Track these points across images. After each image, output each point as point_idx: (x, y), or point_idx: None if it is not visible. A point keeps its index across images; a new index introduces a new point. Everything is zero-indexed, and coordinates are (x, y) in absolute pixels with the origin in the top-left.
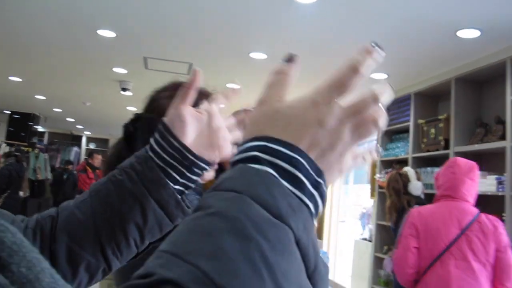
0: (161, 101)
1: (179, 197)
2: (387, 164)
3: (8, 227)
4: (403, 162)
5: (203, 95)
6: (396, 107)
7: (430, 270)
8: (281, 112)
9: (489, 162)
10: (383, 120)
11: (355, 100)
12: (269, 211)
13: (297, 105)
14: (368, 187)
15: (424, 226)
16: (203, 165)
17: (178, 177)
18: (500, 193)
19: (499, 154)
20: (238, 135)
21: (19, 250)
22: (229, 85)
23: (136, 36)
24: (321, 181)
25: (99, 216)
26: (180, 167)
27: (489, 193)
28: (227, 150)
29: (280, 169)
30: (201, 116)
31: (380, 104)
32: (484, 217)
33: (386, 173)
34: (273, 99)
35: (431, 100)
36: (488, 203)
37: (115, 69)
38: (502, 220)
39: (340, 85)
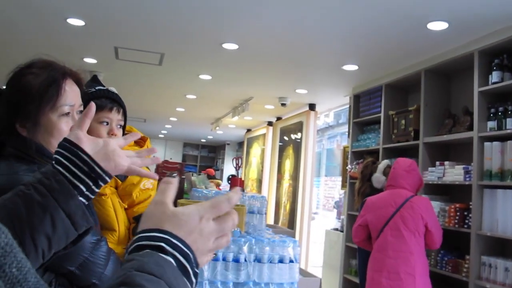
0: (24, 78)
1: (84, 208)
2: (358, 155)
3: (0, 227)
4: (374, 153)
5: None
6: (367, 99)
7: (377, 239)
8: (178, 215)
9: (457, 152)
10: (237, 222)
11: (221, 220)
12: None
13: (189, 213)
14: (339, 179)
15: (373, 209)
16: (106, 178)
17: (84, 189)
18: (467, 182)
19: (467, 144)
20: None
21: (11, 251)
22: (200, 76)
23: (106, 25)
24: (197, 271)
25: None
26: (87, 180)
27: (457, 182)
28: (122, 165)
29: (177, 261)
30: (97, 140)
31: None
32: (416, 198)
33: (357, 164)
34: (167, 202)
35: (401, 91)
36: (456, 192)
37: (86, 59)
38: (469, 208)
39: (218, 209)
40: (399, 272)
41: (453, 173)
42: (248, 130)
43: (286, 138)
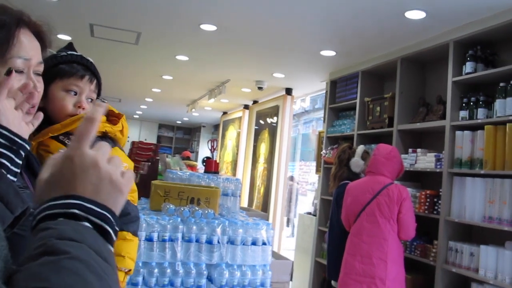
0: None
1: (16, 186)
2: (333, 140)
3: None
4: (349, 139)
5: None
6: (344, 85)
7: (354, 225)
8: (87, 172)
9: (429, 140)
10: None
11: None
12: (101, 256)
13: (88, 164)
14: (314, 164)
15: (352, 194)
16: (26, 145)
17: (9, 165)
18: (438, 170)
19: (439, 132)
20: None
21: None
22: (177, 57)
23: (81, 2)
24: (117, 228)
25: None
26: (10, 154)
27: (428, 170)
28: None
29: (94, 224)
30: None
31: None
32: (393, 186)
33: (332, 149)
34: (81, 153)
35: (377, 78)
36: (427, 179)
37: (60, 36)
38: (439, 195)
39: (84, 135)
40: (372, 257)
41: (425, 161)
42: (224, 113)
43: (262, 121)
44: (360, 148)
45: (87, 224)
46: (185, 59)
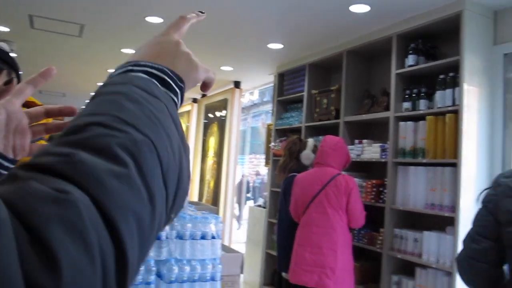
0: None
1: None
2: (281, 133)
3: None
4: (297, 131)
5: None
6: (291, 78)
7: (303, 216)
8: (156, 45)
9: (375, 131)
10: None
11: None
12: (148, 93)
13: (160, 41)
14: (263, 157)
15: (300, 186)
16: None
17: None
18: (383, 160)
19: (384, 123)
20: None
21: None
22: (123, 50)
23: None
24: (182, 85)
25: None
26: None
27: (374, 160)
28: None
29: (151, 74)
30: None
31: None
32: (341, 177)
33: (281, 141)
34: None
35: (324, 71)
36: (373, 169)
37: None
38: (384, 184)
39: (177, 26)
40: (322, 247)
41: (371, 151)
42: None
43: (211, 115)
44: (311, 141)
45: (141, 74)
46: (131, 52)
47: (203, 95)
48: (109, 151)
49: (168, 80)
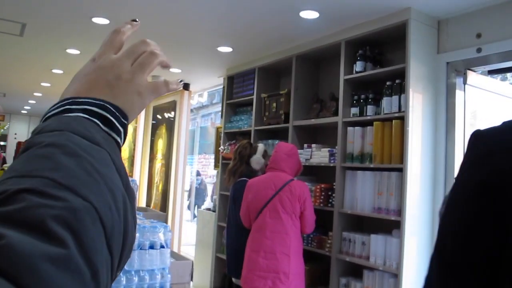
0: None
1: None
2: (231, 136)
3: None
4: (246, 134)
5: None
6: (241, 81)
7: (255, 220)
8: (90, 74)
9: (323, 135)
10: (158, 53)
11: (131, 46)
12: (88, 140)
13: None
14: (213, 157)
15: (253, 191)
16: None
17: None
18: (331, 164)
19: (332, 128)
20: None
21: None
22: (68, 51)
23: None
24: (125, 122)
25: None
26: None
27: (322, 164)
28: None
29: (92, 113)
30: None
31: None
32: (295, 182)
33: (230, 145)
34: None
35: (274, 75)
36: (322, 173)
37: None
38: (333, 188)
39: (112, 43)
40: (275, 252)
41: (320, 155)
42: None
43: (159, 116)
44: (261, 146)
45: (80, 114)
46: (76, 53)
47: None
48: (44, 227)
49: (110, 118)
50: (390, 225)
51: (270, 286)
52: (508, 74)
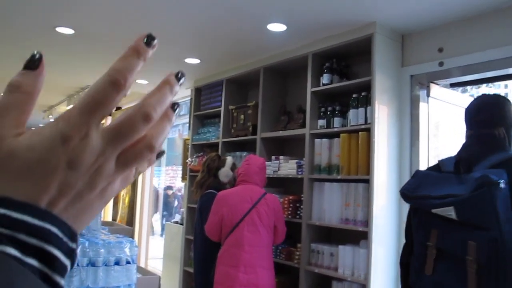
0: None
1: None
2: (198, 148)
3: None
4: (214, 146)
5: None
6: (209, 92)
7: (230, 235)
8: (19, 155)
9: (291, 147)
10: (162, 138)
11: (119, 122)
12: None
13: (41, 142)
14: (181, 168)
15: (230, 204)
16: None
17: None
18: (299, 176)
19: (300, 140)
20: None
21: None
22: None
23: None
24: (74, 247)
25: None
26: None
27: (290, 176)
28: None
29: (24, 246)
30: None
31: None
32: (269, 195)
33: (197, 157)
34: (9, 132)
35: (242, 87)
36: (290, 185)
37: None
38: (301, 199)
39: (97, 107)
40: (255, 266)
41: (287, 167)
42: None
43: None
44: (230, 159)
45: (9, 250)
46: None
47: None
48: None
49: (55, 253)
50: (358, 236)
51: None
52: (468, 87)
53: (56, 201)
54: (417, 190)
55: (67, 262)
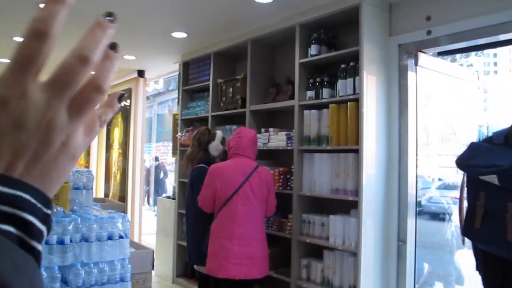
0: None
1: None
2: (188, 122)
3: None
4: (204, 120)
5: None
6: (197, 66)
7: (223, 208)
8: None
9: (280, 119)
10: (109, 78)
11: (57, 71)
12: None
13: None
14: (171, 144)
15: (223, 177)
16: None
17: None
18: (289, 148)
19: (289, 112)
20: None
21: None
22: (15, 38)
23: None
24: (49, 212)
25: None
26: None
27: (280, 148)
28: None
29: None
30: None
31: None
32: (260, 168)
33: (187, 131)
34: None
35: (229, 60)
36: (280, 157)
37: None
38: (291, 171)
39: (27, 62)
40: (248, 238)
41: (277, 139)
42: None
43: None
44: (220, 133)
45: None
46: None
47: None
48: None
49: (29, 219)
50: (348, 206)
51: (245, 272)
52: (458, 56)
53: (13, 165)
54: (470, 160)
55: (42, 227)
